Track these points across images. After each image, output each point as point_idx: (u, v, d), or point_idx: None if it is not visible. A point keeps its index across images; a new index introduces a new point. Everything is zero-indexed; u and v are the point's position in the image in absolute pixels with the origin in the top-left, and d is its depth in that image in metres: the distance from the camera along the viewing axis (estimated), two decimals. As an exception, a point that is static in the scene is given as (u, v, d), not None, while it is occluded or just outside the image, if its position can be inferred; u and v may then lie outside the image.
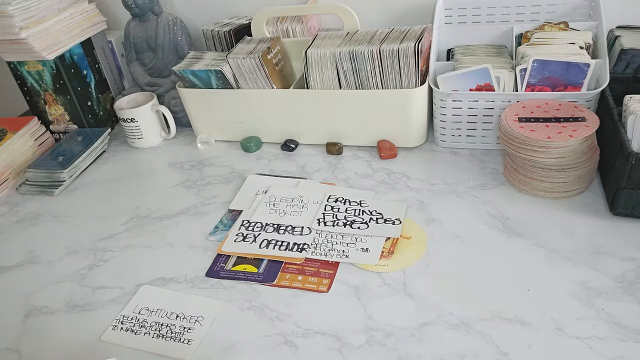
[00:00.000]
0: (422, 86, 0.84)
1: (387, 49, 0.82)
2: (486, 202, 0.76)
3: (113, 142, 1.09)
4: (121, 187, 0.94)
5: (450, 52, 0.95)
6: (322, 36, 0.92)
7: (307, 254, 0.70)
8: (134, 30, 1.05)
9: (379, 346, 0.57)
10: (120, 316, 0.65)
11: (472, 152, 0.88)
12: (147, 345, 0.61)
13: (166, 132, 1.06)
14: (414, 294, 0.63)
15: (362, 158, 0.91)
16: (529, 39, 0.87)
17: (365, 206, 0.78)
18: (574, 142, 0.70)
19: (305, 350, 0.58)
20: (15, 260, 0.79)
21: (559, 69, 0.79)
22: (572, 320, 0.57)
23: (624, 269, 0.62)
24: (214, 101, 0.97)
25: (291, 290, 0.66)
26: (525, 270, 0.64)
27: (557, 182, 0.73)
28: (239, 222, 0.78)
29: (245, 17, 1.13)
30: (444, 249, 0.69)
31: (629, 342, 0.54)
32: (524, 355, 0.54)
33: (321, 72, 0.88)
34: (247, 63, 0.89)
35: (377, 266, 0.67)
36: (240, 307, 0.65)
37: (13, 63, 1.02)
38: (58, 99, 1.06)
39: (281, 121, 0.95)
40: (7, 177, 0.98)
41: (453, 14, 1.02)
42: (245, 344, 0.60)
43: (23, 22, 0.95)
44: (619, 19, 0.96)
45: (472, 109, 0.84)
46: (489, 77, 0.82)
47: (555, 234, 0.69)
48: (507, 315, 0.58)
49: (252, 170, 0.92)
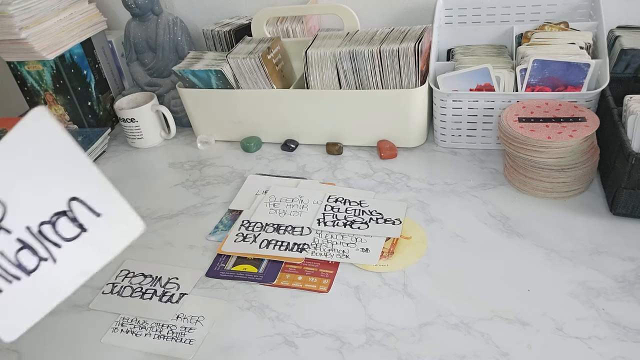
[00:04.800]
0: (422, 86, 0.84)
1: (387, 49, 0.82)
2: (486, 202, 0.76)
3: (113, 142, 1.09)
4: (121, 187, 0.92)
5: (450, 52, 0.95)
6: (322, 36, 0.92)
7: (307, 254, 0.70)
8: (134, 30, 1.05)
9: (378, 346, 0.57)
10: (120, 318, 0.65)
11: (472, 152, 0.88)
12: (149, 346, 0.61)
13: (166, 132, 1.06)
14: (414, 294, 0.63)
15: (362, 158, 0.91)
16: (529, 39, 0.87)
17: (365, 206, 0.78)
18: (574, 142, 0.70)
19: (305, 350, 0.58)
20: (16, 260, 0.79)
21: (559, 69, 0.79)
22: (572, 320, 0.57)
23: (624, 269, 0.62)
24: (214, 101, 0.97)
25: (291, 290, 0.66)
26: (525, 270, 0.64)
27: (557, 182, 0.73)
28: (239, 222, 0.78)
29: (245, 17, 1.13)
30: (444, 249, 0.69)
31: (629, 342, 0.54)
32: (524, 355, 0.54)
33: (321, 72, 0.88)
34: (247, 63, 0.89)
35: (377, 266, 0.67)
36: (240, 307, 0.65)
37: (13, 63, 1.02)
38: (58, 99, 1.06)
39: (281, 121, 0.95)
40: (7, 177, 0.98)
41: (453, 14, 1.02)
42: (246, 344, 0.60)
43: (23, 22, 0.95)
44: (619, 19, 0.96)
45: (472, 109, 0.84)
46: (489, 77, 0.82)
47: (555, 234, 0.69)
48: (507, 315, 0.58)
49: (252, 170, 0.92)
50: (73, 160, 0.28)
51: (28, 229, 0.29)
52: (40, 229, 0.29)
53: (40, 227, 0.29)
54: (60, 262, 0.29)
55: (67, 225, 0.29)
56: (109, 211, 0.29)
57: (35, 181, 0.28)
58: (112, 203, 0.29)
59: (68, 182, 0.28)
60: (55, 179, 0.28)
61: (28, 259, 0.29)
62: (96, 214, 0.29)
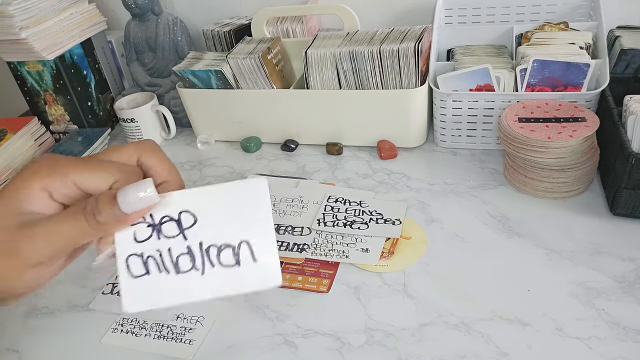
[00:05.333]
0: (422, 86, 0.84)
1: (387, 49, 0.82)
2: (486, 202, 0.76)
3: (113, 142, 1.09)
4: (121, 187, 0.93)
5: (450, 52, 0.95)
6: (322, 36, 0.92)
7: (307, 254, 0.70)
8: (134, 30, 1.05)
9: (378, 346, 0.57)
10: (120, 318, 0.65)
11: (472, 152, 0.88)
12: (149, 346, 0.61)
13: (166, 132, 1.06)
14: (414, 294, 0.63)
15: (362, 158, 0.91)
16: (529, 39, 0.87)
17: (365, 206, 0.78)
18: (574, 142, 0.70)
19: (305, 351, 0.58)
20: (16, 260, 0.78)
21: (559, 69, 0.79)
22: (572, 320, 0.57)
23: (624, 269, 0.62)
24: (214, 101, 0.97)
25: (291, 290, 0.66)
26: (525, 271, 0.64)
27: (557, 182, 0.73)
28: (239, 222, 0.78)
29: (245, 17, 1.13)
30: (444, 249, 0.69)
31: (629, 342, 0.54)
32: (524, 355, 0.54)
33: (321, 72, 0.88)
34: (247, 63, 0.89)
35: (377, 266, 0.67)
36: (240, 307, 0.65)
37: (13, 63, 1.02)
38: (58, 99, 1.06)
39: (281, 121, 0.95)
40: (7, 178, 0.98)
41: (453, 14, 1.02)
42: (246, 344, 0.60)
43: (23, 22, 0.95)
44: (619, 19, 0.96)
45: (472, 109, 0.84)
46: (489, 77, 0.82)
47: (555, 234, 0.69)
48: (507, 315, 0.58)
49: (252, 171, 0.92)
50: (263, 221, 0.36)
51: (200, 244, 0.36)
52: (208, 248, 0.36)
53: (209, 247, 0.36)
54: (206, 277, 0.36)
55: (228, 255, 0.36)
56: (263, 261, 0.36)
57: (227, 218, 0.36)
58: (270, 257, 0.36)
59: (249, 230, 0.36)
60: (242, 224, 0.36)
61: (185, 263, 0.36)
62: (254, 259, 0.36)
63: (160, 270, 0.36)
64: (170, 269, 0.36)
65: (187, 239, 0.36)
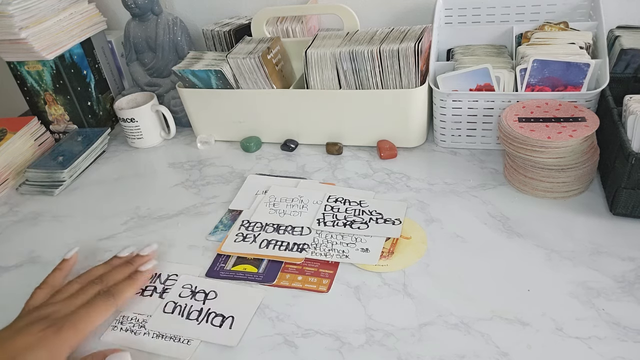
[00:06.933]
0: (422, 86, 0.84)
1: (387, 49, 0.82)
2: (486, 202, 0.76)
3: (113, 142, 1.09)
4: (121, 187, 0.94)
5: (450, 52, 0.95)
6: (322, 36, 0.92)
7: (307, 254, 0.70)
8: (134, 30, 1.05)
9: (378, 346, 0.57)
10: (120, 316, 0.65)
11: (472, 152, 0.88)
12: (147, 345, 0.61)
13: (166, 132, 1.07)
14: (414, 294, 0.63)
15: (362, 158, 0.91)
16: (529, 39, 0.87)
17: (365, 206, 0.78)
18: (574, 142, 0.70)
19: (305, 350, 0.58)
20: (15, 260, 0.79)
21: (559, 69, 0.79)
22: (572, 320, 0.57)
23: (624, 269, 0.62)
24: (214, 101, 0.97)
25: (291, 290, 0.66)
26: (525, 270, 0.64)
27: (557, 182, 0.73)
28: (239, 222, 0.78)
29: (245, 17, 1.13)
30: (444, 249, 0.69)
31: (629, 342, 0.54)
32: (523, 355, 0.54)
33: (321, 72, 0.88)
34: (247, 63, 0.89)
35: (377, 266, 0.67)
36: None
37: (13, 63, 1.02)
38: (58, 99, 1.06)
39: (281, 121, 0.95)
40: (7, 177, 0.98)
41: (453, 14, 1.02)
42: (245, 344, 0.60)
43: (23, 22, 0.95)
44: (619, 19, 0.96)
45: (472, 109, 0.84)
46: (489, 77, 0.82)
47: (555, 234, 0.69)
48: (507, 315, 0.58)
49: (252, 170, 0.92)
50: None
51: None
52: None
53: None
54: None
55: None
56: None
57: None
58: None
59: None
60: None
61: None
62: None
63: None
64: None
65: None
